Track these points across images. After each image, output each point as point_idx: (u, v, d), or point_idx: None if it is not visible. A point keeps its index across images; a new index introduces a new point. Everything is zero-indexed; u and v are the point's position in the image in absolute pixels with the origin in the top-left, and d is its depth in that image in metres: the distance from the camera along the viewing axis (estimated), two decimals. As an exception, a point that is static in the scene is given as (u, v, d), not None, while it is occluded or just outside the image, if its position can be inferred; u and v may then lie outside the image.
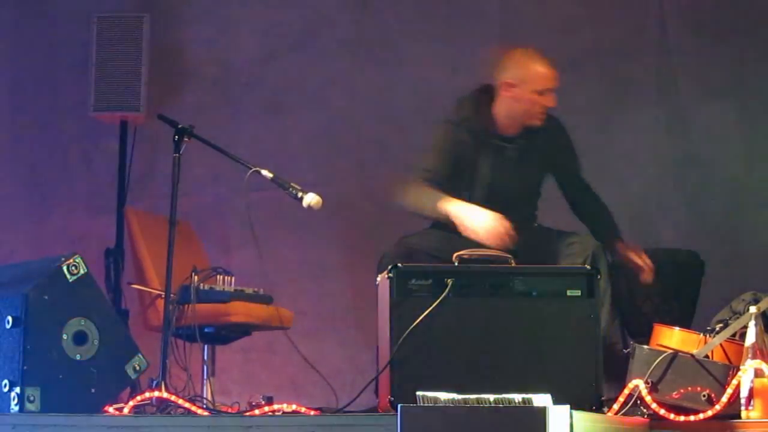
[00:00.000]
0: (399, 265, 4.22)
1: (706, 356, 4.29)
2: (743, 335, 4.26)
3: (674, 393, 4.17)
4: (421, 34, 6.67)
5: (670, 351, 4.26)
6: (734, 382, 4.08)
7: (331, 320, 6.44)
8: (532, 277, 4.27)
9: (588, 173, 6.25)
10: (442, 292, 4.14)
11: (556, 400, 3.65)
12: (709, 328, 4.51)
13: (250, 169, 4.89)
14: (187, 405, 4.32)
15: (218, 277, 5.34)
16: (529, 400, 3.70)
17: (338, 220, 6.31)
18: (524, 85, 5.05)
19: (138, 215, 5.75)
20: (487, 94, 5.15)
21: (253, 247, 4.90)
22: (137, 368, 4.48)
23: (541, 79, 5.06)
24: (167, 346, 4.66)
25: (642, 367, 4.24)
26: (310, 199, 4.92)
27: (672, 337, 4.53)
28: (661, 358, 4.22)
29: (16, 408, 4.16)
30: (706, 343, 4.38)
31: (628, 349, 4.39)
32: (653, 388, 4.15)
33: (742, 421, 4.04)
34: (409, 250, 4.84)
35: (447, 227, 4.88)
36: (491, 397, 3.69)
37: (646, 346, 4.37)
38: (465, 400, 3.67)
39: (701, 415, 4.04)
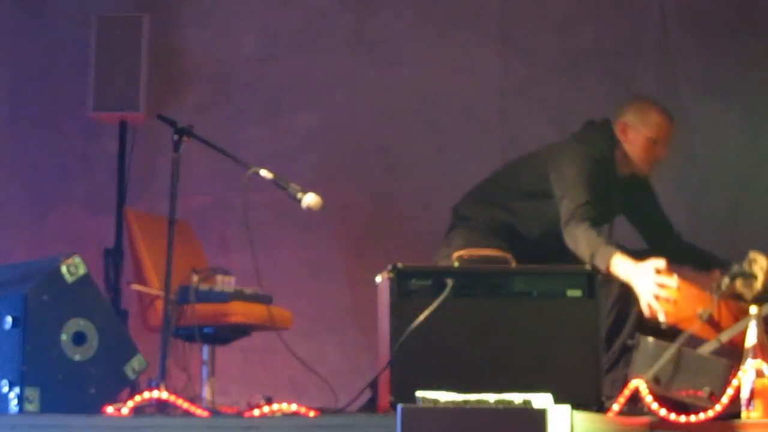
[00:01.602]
0: (399, 265, 4.22)
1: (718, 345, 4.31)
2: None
3: (676, 389, 4.17)
4: (421, 34, 6.66)
5: (674, 345, 4.25)
6: (735, 381, 4.08)
7: (330, 320, 6.43)
8: (532, 277, 4.26)
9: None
10: (442, 292, 4.14)
11: (557, 400, 3.64)
12: (715, 284, 4.49)
13: (250, 169, 4.88)
14: (186, 405, 4.31)
15: (218, 277, 5.33)
16: (530, 401, 3.69)
17: (338, 220, 6.31)
18: (639, 129, 5.08)
19: (137, 215, 5.75)
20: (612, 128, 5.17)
21: (253, 247, 4.89)
22: (136, 368, 4.47)
23: (656, 127, 5.09)
24: (167, 346, 4.65)
25: (645, 360, 4.23)
26: (310, 199, 4.91)
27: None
28: (665, 353, 4.21)
29: (16, 408, 4.16)
30: (711, 303, 4.38)
31: (632, 341, 4.38)
32: (655, 382, 4.15)
33: (743, 421, 4.04)
34: None
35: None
36: (491, 397, 3.68)
37: (651, 339, 4.35)
38: (465, 401, 3.66)
39: (702, 415, 4.03)
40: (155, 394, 4.38)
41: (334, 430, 3.81)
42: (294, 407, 4.16)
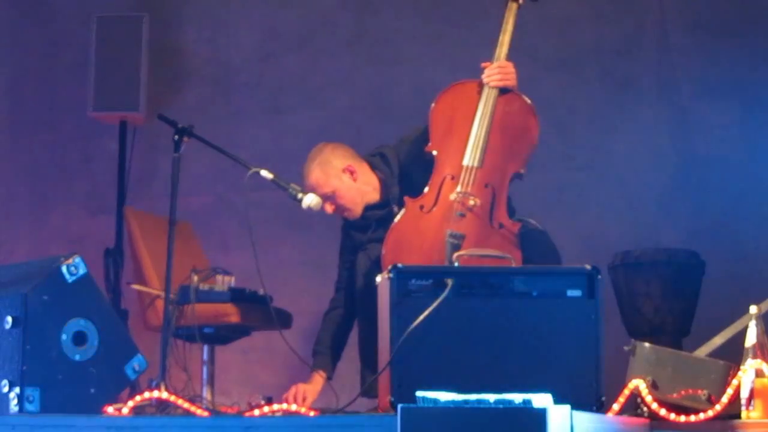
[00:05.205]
0: (399, 265, 4.22)
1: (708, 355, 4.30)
2: None
3: (674, 392, 4.16)
4: (421, 34, 6.66)
5: (671, 350, 4.25)
6: (734, 382, 4.08)
7: (330, 320, 6.43)
8: (532, 277, 4.26)
9: (588, 173, 6.27)
10: (442, 292, 4.14)
11: (556, 400, 3.64)
12: None
13: (250, 169, 4.89)
14: (186, 405, 4.31)
15: (218, 277, 5.34)
16: (529, 401, 3.69)
17: (338, 220, 6.30)
18: None
19: (137, 215, 5.75)
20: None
21: (253, 247, 4.89)
22: (137, 368, 4.47)
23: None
24: (167, 346, 4.66)
25: (642, 365, 4.23)
26: (310, 199, 4.93)
27: None
28: (662, 356, 4.21)
29: (16, 408, 4.15)
30: None
31: (629, 347, 4.38)
32: (653, 387, 4.15)
33: (742, 421, 4.03)
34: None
35: None
36: (491, 397, 3.68)
37: (647, 344, 4.36)
38: (465, 401, 3.66)
39: (701, 415, 4.03)
40: (155, 394, 4.38)
41: (334, 430, 3.80)
42: (294, 407, 4.17)
